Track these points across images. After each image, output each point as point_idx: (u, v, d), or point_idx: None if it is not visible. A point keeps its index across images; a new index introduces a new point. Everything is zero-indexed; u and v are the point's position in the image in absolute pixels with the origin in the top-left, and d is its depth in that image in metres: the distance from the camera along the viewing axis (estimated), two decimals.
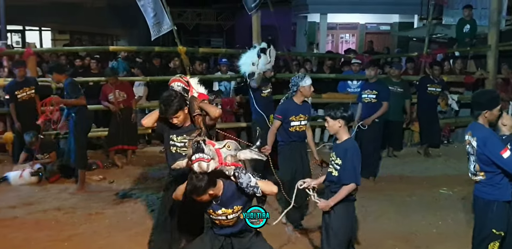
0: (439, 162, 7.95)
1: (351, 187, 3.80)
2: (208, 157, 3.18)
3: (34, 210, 5.68)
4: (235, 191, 3.32)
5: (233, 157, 3.36)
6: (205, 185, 3.16)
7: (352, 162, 3.80)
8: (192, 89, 4.06)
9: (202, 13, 25.04)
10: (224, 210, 3.35)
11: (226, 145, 3.38)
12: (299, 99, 5.23)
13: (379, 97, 6.87)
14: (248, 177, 3.25)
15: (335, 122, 3.84)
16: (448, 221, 5.52)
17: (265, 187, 3.31)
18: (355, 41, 19.04)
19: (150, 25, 8.17)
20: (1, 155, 7.86)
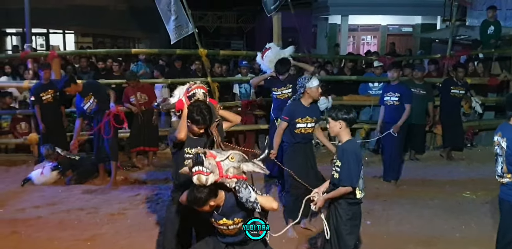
0: (462, 166, 7.84)
1: (346, 190, 3.77)
2: (207, 171, 3.16)
3: (58, 210, 5.76)
4: (235, 203, 3.31)
5: (236, 169, 3.30)
6: (205, 197, 3.18)
7: (348, 164, 3.78)
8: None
9: (223, 15, 25.12)
10: (225, 220, 3.35)
11: (230, 157, 3.31)
12: (306, 101, 5.18)
13: (401, 100, 6.78)
14: (248, 192, 3.22)
15: (336, 123, 3.85)
16: (472, 225, 5.43)
17: (265, 203, 3.28)
18: (377, 43, 18.90)
19: (168, 29, 8.22)
20: (26, 155, 8.01)
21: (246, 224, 3.36)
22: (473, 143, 8.97)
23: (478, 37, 10.51)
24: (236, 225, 3.37)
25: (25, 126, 8.15)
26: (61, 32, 20.15)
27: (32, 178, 6.73)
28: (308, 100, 5.19)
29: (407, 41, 18.28)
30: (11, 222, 5.40)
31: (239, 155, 3.37)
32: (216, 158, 3.24)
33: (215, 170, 3.20)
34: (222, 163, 3.24)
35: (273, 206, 3.31)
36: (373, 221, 5.50)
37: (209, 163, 3.19)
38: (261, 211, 3.35)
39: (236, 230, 3.41)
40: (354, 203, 3.89)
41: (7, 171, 7.38)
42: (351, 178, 3.76)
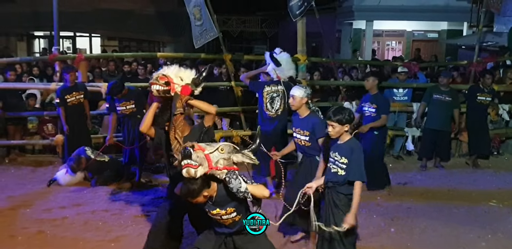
0: (489, 174, 7.69)
1: (360, 185, 3.90)
2: (196, 164, 3.22)
3: (83, 211, 5.84)
4: (227, 194, 3.37)
5: (226, 160, 3.35)
6: (198, 188, 3.27)
7: (359, 160, 3.91)
8: (173, 86, 3.85)
9: (246, 20, 25.23)
10: (218, 210, 3.42)
11: (219, 148, 3.35)
12: (300, 111, 4.90)
13: (378, 111, 6.54)
14: (238, 182, 3.28)
15: (342, 127, 3.94)
16: (498, 234, 5.33)
17: (256, 192, 3.35)
18: (402, 48, 18.76)
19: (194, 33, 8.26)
20: (53, 156, 8.15)
21: (240, 215, 3.45)
22: (500, 150, 8.82)
23: (505, 44, 10.37)
24: (229, 215, 3.45)
25: (52, 127, 8.32)
26: (87, 35, 20.45)
27: (57, 178, 6.83)
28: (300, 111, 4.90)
29: (433, 47, 18.12)
30: (37, 221, 5.50)
31: (228, 146, 3.42)
32: (205, 151, 3.30)
33: (204, 162, 3.25)
34: (211, 155, 3.30)
35: (265, 194, 3.38)
36: (397, 229, 5.45)
37: (197, 156, 3.25)
38: (253, 200, 3.40)
39: (230, 221, 3.49)
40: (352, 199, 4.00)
41: (33, 172, 7.51)
42: (362, 173, 3.91)
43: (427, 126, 7.97)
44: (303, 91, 4.78)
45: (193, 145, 3.31)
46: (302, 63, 8.35)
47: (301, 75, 8.42)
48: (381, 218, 5.73)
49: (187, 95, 3.91)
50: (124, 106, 6.80)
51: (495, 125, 8.76)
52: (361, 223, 5.56)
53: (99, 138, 8.06)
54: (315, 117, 4.83)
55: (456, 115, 7.83)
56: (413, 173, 7.72)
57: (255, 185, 3.37)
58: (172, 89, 3.84)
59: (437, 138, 7.82)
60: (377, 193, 6.57)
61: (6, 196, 6.36)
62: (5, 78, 9.01)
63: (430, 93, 7.81)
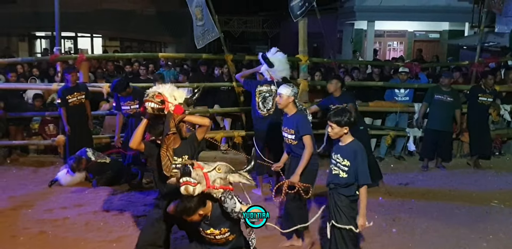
0: (490, 174, 7.68)
1: (365, 189, 3.93)
2: (195, 181, 3.26)
3: (84, 211, 5.84)
4: (222, 213, 3.40)
5: (222, 180, 3.39)
6: (194, 206, 3.30)
7: (364, 162, 3.92)
8: (167, 105, 3.86)
9: (248, 20, 25.25)
10: (212, 230, 3.44)
11: (217, 168, 3.40)
12: (287, 110, 4.89)
13: None
14: (233, 202, 3.32)
15: (341, 129, 3.95)
16: (500, 235, 5.32)
17: None
18: (403, 49, 18.75)
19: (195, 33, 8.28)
20: (54, 157, 8.16)
21: (233, 233, 3.48)
22: (501, 151, 8.82)
23: (507, 44, 10.35)
24: (222, 235, 3.47)
25: (53, 128, 8.33)
26: (89, 36, 20.49)
27: (58, 178, 6.84)
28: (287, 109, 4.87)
29: (434, 48, 18.10)
30: (39, 222, 5.51)
31: (225, 166, 3.47)
32: (204, 169, 3.35)
33: (202, 180, 3.30)
34: (209, 174, 3.35)
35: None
36: (399, 229, 5.45)
37: (197, 174, 3.29)
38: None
39: (223, 240, 3.51)
40: (355, 200, 4.03)
41: (35, 172, 7.52)
42: (368, 176, 3.92)
43: (429, 126, 7.96)
44: (290, 90, 4.77)
45: (193, 162, 3.36)
46: (303, 63, 8.36)
47: (302, 76, 8.44)
48: (382, 218, 5.73)
49: (180, 114, 3.91)
50: (129, 105, 6.80)
51: (497, 125, 8.75)
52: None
53: (101, 139, 8.07)
54: (300, 115, 4.82)
55: (458, 116, 7.83)
56: (415, 174, 7.72)
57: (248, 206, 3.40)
58: (166, 108, 3.86)
59: (439, 139, 7.82)
60: (379, 193, 6.56)
61: (7, 196, 6.37)
62: (6, 78, 9.03)
63: (432, 94, 7.80)
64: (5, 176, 7.29)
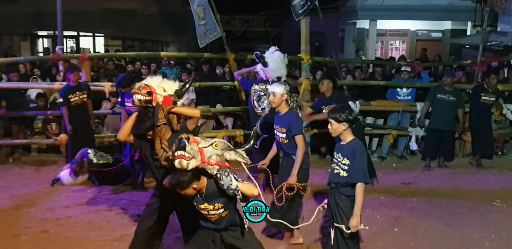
0: (492, 174, 7.66)
1: (363, 187, 3.90)
2: (189, 156, 3.24)
3: (87, 210, 5.85)
4: (217, 190, 3.39)
5: (219, 156, 3.37)
6: (188, 180, 3.29)
7: (362, 161, 3.91)
8: (155, 96, 3.90)
9: (250, 20, 25.26)
10: (206, 205, 3.44)
11: (214, 144, 3.38)
12: (279, 108, 4.87)
13: None
14: (229, 179, 3.30)
15: (339, 125, 3.94)
16: (502, 234, 5.31)
17: (246, 190, 3.36)
18: (405, 48, 18.71)
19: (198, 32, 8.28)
20: (56, 156, 8.17)
21: (226, 210, 3.47)
22: (504, 150, 8.81)
23: (509, 43, 10.32)
24: (216, 211, 3.47)
25: (55, 127, 8.33)
26: (91, 35, 20.48)
27: (61, 178, 6.83)
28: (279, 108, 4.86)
29: (437, 47, 18.06)
30: (41, 221, 5.52)
31: (223, 143, 3.44)
32: (200, 144, 3.33)
33: (197, 155, 3.28)
34: (205, 150, 3.33)
35: (254, 192, 3.40)
36: (400, 228, 5.44)
37: (191, 148, 3.28)
38: (242, 197, 3.40)
39: (216, 217, 3.51)
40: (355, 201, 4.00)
41: (37, 171, 7.53)
42: (366, 175, 3.91)
43: (431, 125, 7.95)
44: (283, 88, 4.77)
45: (189, 136, 3.34)
46: (305, 62, 8.35)
47: (304, 75, 8.43)
48: (384, 218, 5.72)
49: (168, 105, 3.92)
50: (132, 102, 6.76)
51: (499, 124, 8.74)
52: (365, 223, 5.55)
53: (103, 138, 8.07)
54: (291, 114, 4.82)
55: (461, 115, 7.81)
56: (417, 173, 7.72)
57: (245, 183, 3.40)
58: (154, 99, 3.88)
59: (441, 138, 7.80)
60: (381, 193, 6.56)
61: (10, 195, 6.38)
62: (8, 78, 9.04)
63: (434, 93, 7.79)
64: (7, 175, 7.30)
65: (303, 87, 8.27)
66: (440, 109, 7.75)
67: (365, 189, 3.94)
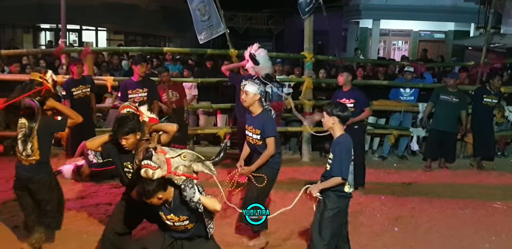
0: (493, 176, 7.68)
1: (336, 180, 3.98)
2: (155, 165, 3.27)
3: (87, 204, 5.84)
4: (182, 201, 3.39)
5: (186, 167, 3.38)
6: (153, 189, 3.30)
7: (340, 155, 3.99)
8: (142, 114, 4.02)
9: (252, 17, 25.21)
10: (172, 216, 3.46)
11: (182, 155, 3.39)
12: (252, 109, 4.77)
13: (357, 106, 6.51)
14: (192, 192, 3.30)
15: (330, 118, 4.06)
16: (502, 236, 5.32)
17: (208, 204, 3.35)
18: (408, 48, 18.71)
19: (197, 29, 8.29)
20: (57, 149, 8.15)
21: (191, 222, 3.48)
22: (505, 153, 8.81)
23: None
24: (181, 222, 3.49)
25: None
26: (93, 29, 20.44)
27: (63, 171, 6.82)
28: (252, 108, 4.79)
29: (439, 48, 18.08)
30: None
31: (191, 154, 3.45)
32: (167, 154, 3.35)
33: (163, 165, 3.30)
34: (172, 160, 3.35)
35: (216, 207, 3.39)
36: (400, 228, 5.45)
37: (158, 158, 3.31)
38: (206, 212, 3.40)
39: (182, 228, 3.52)
40: (343, 196, 4.11)
41: None
42: (341, 169, 3.99)
43: (433, 126, 7.95)
44: (256, 87, 4.69)
45: (156, 147, 3.40)
46: (308, 60, 8.34)
47: (307, 73, 8.42)
48: (385, 217, 5.73)
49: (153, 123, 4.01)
50: (137, 93, 6.77)
51: (501, 126, 8.74)
52: (365, 222, 5.59)
53: (104, 132, 8.04)
54: (266, 116, 4.75)
55: (463, 117, 7.79)
56: (418, 173, 7.73)
57: (208, 198, 3.39)
58: (141, 116, 3.99)
59: (443, 139, 7.80)
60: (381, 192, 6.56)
61: (10, 187, 6.33)
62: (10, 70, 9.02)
63: (437, 94, 7.78)
64: (8, 167, 7.23)
65: (305, 86, 8.27)
66: (443, 110, 7.75)
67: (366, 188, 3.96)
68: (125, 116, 3.88)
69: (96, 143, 4.07)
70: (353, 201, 6.10)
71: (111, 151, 4.01)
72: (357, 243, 5.05)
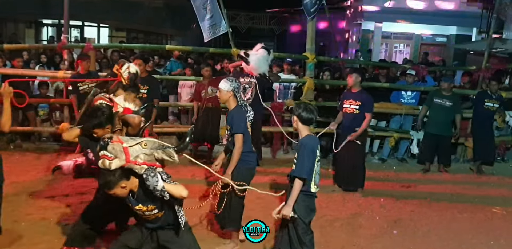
0: (493, 180, 7.68)
1: (298, 183, 3.91)
2: (111, 155, 3.22)
3: (86, 199, 5.78)
4: (147, 190, 3.32)
5: (148, 156, 3.31)
6: (114, 180, 3.25)
7: (303, 156, 3.94)
8: (116, 105, 4.09)
9: (255, 17, 25.21)
10: (140, 206, 3.41)
11: (143, 143, 3.32)
12: (227, 105, 4.83)
13: (362, 109, 6.55)
14: (155, 180, 3.22)
15: (293, 117, 4.08)
16: (501, 241, 5.32)
17: (173, 191, 3.28)
18: (410, 51, 18.72)
19: (203, 27, 8.29)
20: (57, 144, 8.15)
21: (161, 210, 3.44)
22: (505, 158, 8.80)
23: None
24: (150, 212, 3.44)
25: (59, 115, 8.32)
26: (96, 25, 20.40)
27: (63, 167, 6.80)
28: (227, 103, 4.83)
29: (441, 52, 18.11)
30: (41, 208, 5.52)
31: (153, 142, 3.38)
32: (124, 144, 3.28)
33: (120, 155, 3.24)
34: (130, 149, 3.28)
35: (182, 194, 3.31)
36: (400, 231, 5.45)
37: (113, 147, 3.24)
38: (173, 199, 3.34)
39: (152, 217, 3.48)
40: (309, 195, 4.05)
41: (38, 159, 7.51)
42: (303, 170, 3.92)
43: (427, 130, 7.96)
44: (228, 84, 4.70)
45: (111, 136, 3.33)
46: (310, 61, 8.35)
47: (308, 74, 8.42)
48: (384, 220, 5.73)
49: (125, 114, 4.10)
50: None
51: (501, 131, 8.74)
52: (364, 224, 5.59)
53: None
54: (235, 111, 4.73)
55: (458, 121, 7.73)
56: (417, 176, 7.73)
57: (173, 185, 3.31)
58: (115, 107, 4.07)
59: (438, 143, 7.77)
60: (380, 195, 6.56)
61: (10, 181, 6.28)
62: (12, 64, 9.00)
63: (432, 97, 7.80)
64: (8, 162, 7.12)
65: (306, 86, 8.28)
66: (436, 114, 7.76)
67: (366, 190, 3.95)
68: (96, 109, 3.92)
69: (72, 134, 4.15)
70: (353, 203, 6.19)
71: (88, 141, 4.04)
72: (355, 245, 5.07)
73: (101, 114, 3.86)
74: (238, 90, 4.78)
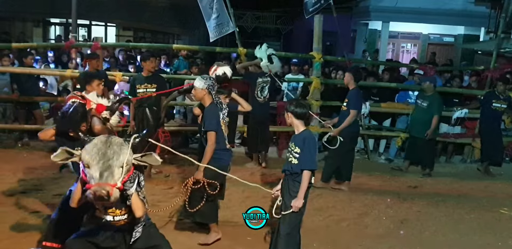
0: (500, 181, 7.63)
1: (307, 175, 4.07)
2: None
3: None
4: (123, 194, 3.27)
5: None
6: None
7: (310, 149, 4.11)
8: (89, 102, 4.10)
9: (261, 16, 25.18)
10: (113, 209, 3.37)
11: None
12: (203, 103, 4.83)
13: (348, 105, 6.52)
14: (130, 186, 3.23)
15: (286, 114, 4.23)
16: (509, 242, 5.30)
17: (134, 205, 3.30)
18: (417, 51, 18.64)
19: (209, 26, 8.30)
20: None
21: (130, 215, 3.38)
22: None
23: None
24: (122, 216, 3.40)
25: None
26: (103, 24, 20.48)
27: (70, 165, 6.83)
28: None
29: (448, 51, 17.99)
30: (48, 206, 5.52)
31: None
32: None
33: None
34: None
35: (137, 212, 3.31)
36: (406, 231, 5.44)
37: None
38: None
39: (122, 223, 3.43)
40: (309, 188, 4.17)
41: (46, 157, 7.50)
42: (314, 162, 4.12)
43: (409, 130, 7.95)
44: (203, 82, 4.70)
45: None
46: (317, 61, 8.32)
47: (315, 73, 8.40)
48: (390, 220, 5.72)
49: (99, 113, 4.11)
50: (145, 88, 6.74)
51: (510, 132, 8.67)
52: (370, 224, 5.58)
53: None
54: (208, 109, 4.73)
55: (433, 122, 7.41)
56: (424, 177, 7.68)
57: (140, 199, 3.32)
58: (88, 104, 4.10)
59: (417, 145, 7.65)
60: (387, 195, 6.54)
61: (17, 179, 6.39)
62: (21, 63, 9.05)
63: (416, 98, 7.77)
64: (15, 160, 7.31)
65: (313, 86, 8.26)
66: (415, 115, 7.73)
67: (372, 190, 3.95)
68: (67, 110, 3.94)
69: (47, 134, 4.17)
70: (359, 203, 6.17)
71: (64, 141, 4.02)
72: (362, 245, 5.07)
73: (74, 114, 3.90)
74: (213, 88, 4.79)
